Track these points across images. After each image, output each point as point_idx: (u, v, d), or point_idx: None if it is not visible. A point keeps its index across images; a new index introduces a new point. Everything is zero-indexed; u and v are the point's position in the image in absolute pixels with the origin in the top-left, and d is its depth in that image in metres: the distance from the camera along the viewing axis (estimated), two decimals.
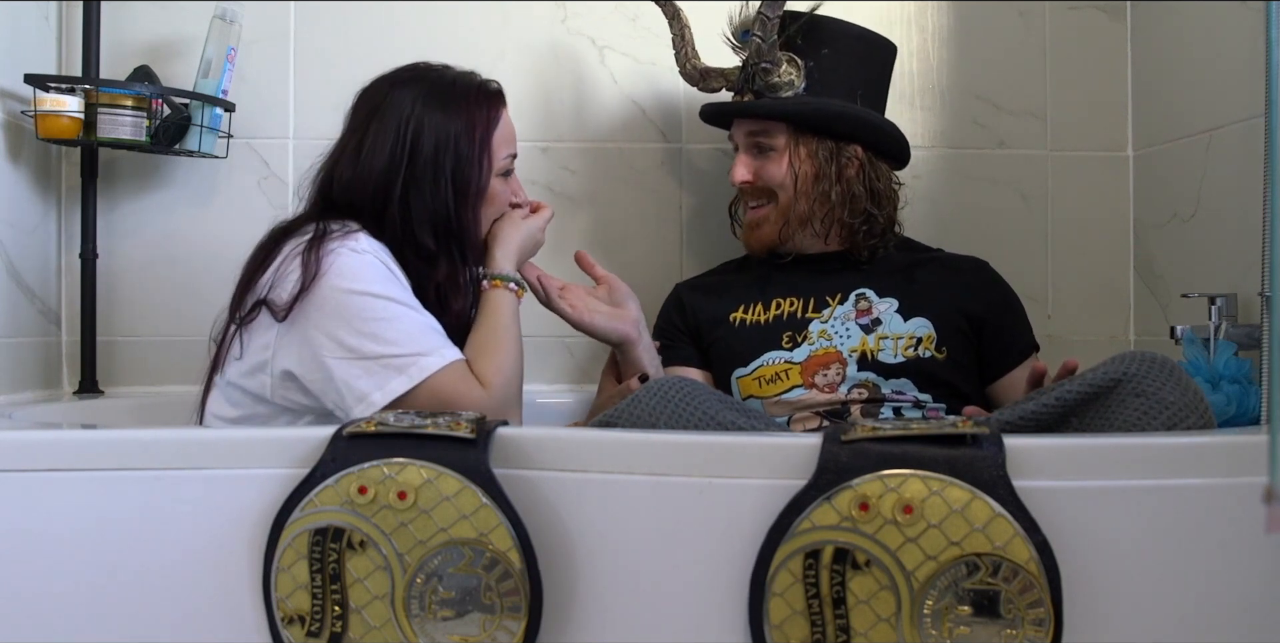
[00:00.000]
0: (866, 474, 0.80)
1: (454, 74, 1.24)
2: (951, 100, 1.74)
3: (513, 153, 1.27)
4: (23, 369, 1.52)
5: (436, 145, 1.17)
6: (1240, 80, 1.44)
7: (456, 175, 1.18)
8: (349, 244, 1.11)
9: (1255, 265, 1.21)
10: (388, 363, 1.06)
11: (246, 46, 1.60)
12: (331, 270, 1.09)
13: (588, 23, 1.71)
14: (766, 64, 1.37)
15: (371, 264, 1.12)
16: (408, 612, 0.84)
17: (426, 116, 1.18)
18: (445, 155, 1.18)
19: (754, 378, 1.37)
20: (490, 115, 1.22)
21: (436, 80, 1.22)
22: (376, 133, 1.18)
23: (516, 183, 1.30)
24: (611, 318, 1.31)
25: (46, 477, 0.89)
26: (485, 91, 1.24)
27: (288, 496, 0.86)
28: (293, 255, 1.12)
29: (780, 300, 1.41)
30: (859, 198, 1.39)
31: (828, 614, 0.79)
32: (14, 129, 1.48)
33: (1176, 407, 0.93)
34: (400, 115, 1.18)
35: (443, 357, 1.09)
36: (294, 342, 1.10)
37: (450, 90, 1.21)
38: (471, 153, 1.19)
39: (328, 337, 1.08)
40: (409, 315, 1.10)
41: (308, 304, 1.09)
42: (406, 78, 1.23)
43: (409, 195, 1.17)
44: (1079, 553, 0.81)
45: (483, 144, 1.20)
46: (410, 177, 1.17)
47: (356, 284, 1.09)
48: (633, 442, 0.89)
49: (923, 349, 1.34)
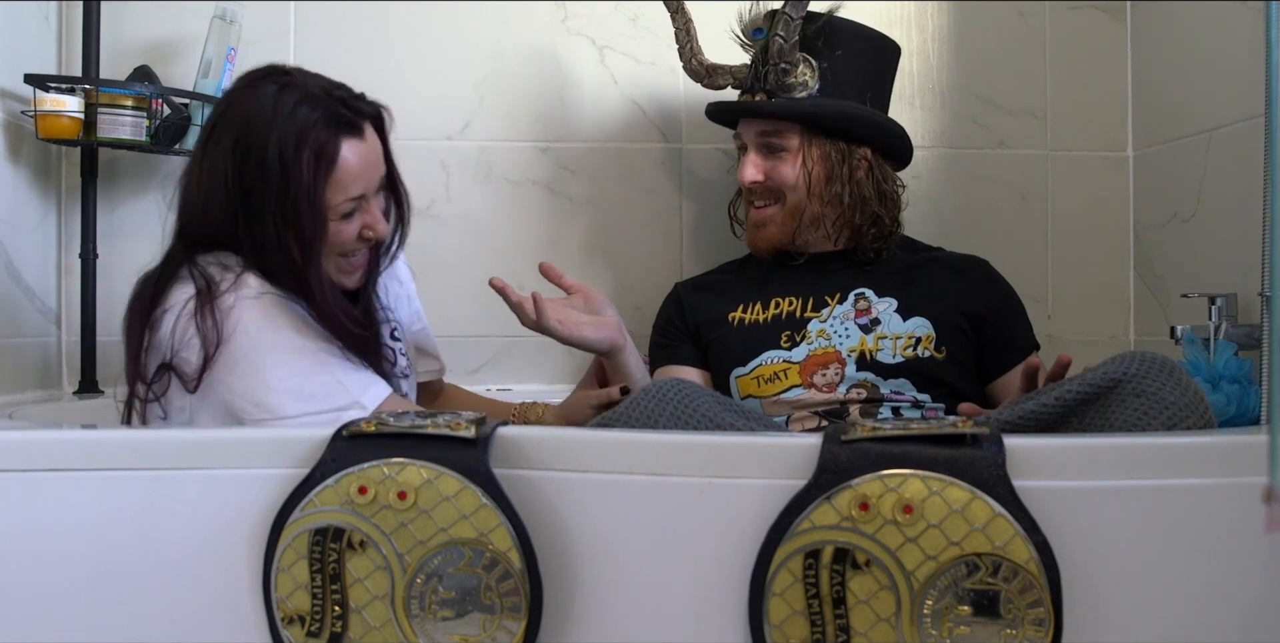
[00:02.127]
0: (866, 474, 0.80)
1: (304, 93, 1.10)
2: (951, 100, 1.74)
3: (358, 195, 1.13)
4: (23, 369, 1.52)
5: (264, 180, 1.07)
6: (1240, 80, 1.44)
7: (287, 219, 1.08)
8: (242, 293, 1.06)
9: (1255, 265, 1.21)
10: (308, 422, 1.03)
11: (246, 46, 1.60)
12: (237, 329, 1.05)
13: (588, 23, 1.71)
14: (786, 64, 1.37)
15: (275, 306, 1.08)
16: (408, 612, 0.84)
17: (256, 143, 1.07)
18: (272, 197, 1.07)
19: (753, 377, 1.37)
20: (324, 151, 1.09)
21: (279, 99, 1.09)
22: (212, 155, 1.10)
23: (371, 214, 1.16)
24: (598, 327, 1.28)
25: (46, 477, 0.89)
26: (329, 121, 1.10)
27: (288, 496, 0.86)
28: (186, 319, 1.05)
29: (779, 300, 1.41)
30: (868, 200, 1.39)
31: (828, 614, 0.79)
32: (14, 129, 1.48)
33: (1177, 407, 0.93)
34: (234, 138, 1.09)
35: (362, 407, 1.06)
36: (211, 406, 1.07)
37: (290, 115, 1.08)
38: (297, 197, 1.08)
39: (246, 400, 1.05)
40: (324, 363, 1.07)
41: (218, 369, 1.05)
42: (252, 92, 1.11)
43: (249, 234, 1.09)
44: (1079, 553, 0.81)
45: (314, 191, 1.08)
46: (247, 214, 1.09)
47: (265, 336, 1.06)
48: (632, 442, 0.89)
49: (922, 349, 1.34)
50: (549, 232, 1.72)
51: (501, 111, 1.70)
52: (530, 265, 1.69)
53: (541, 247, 1.71)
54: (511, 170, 1.71)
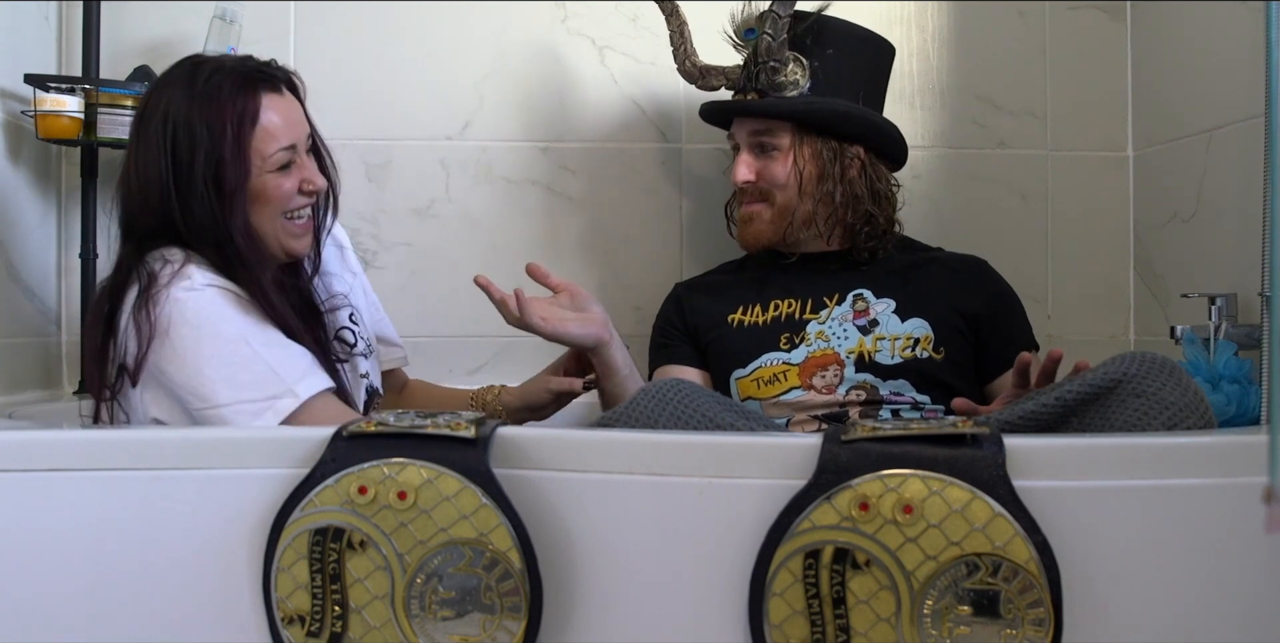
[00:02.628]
0: (866, 474, 0.80)
1: (213, 66, 1.15)
2: (951, 100, 1.74)
3: (288, 144, 1.15)
4: (23, 369, 1.52)
5: (192, 150, 1.10)
6: (1240, 80, 1.44)
7: (215, 179, 1.11)
8: (181, 285, 1.08)
9: (1255, 265, 1.21)
10: (241, 410, 1.05)
11: (246, 46, 1.59)
12: (174, 318, 1.06)
13: (588, 23, 1.71)
14: (775, 63, 1.37)
15: (212, 299, 1.09)
16: (408, 612, 0.84)
17: (180, 119, 1.11)
18: (200, 159, 1.10)
19: (752, 379, 1.37)
20: (246, 108, 1.12)
21: (192, 77, 1.13)
22: (144, 146, 1.13)
23: (308, 170, 1.19)
24: (582, 323, 1.29)
25: (46, 477, 0.89)
26: (241, 82, 1.13)
27: (288, 496, 0.86)
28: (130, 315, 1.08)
29: (778, 302, 1.41)
30: (861, 199, 1.39)
31: (828, 614, 0.79)
32: (14, 129, 1.48)
33: (1177, 407, 0.93)
34: (159, 123, 1.12)
35: (295, 397, 1.07)
36: (160, 399, 1.09)
37: (204, 87, 1.12)
38: (223, 153, 1.10)
39: (185, 390, 1.06)
40: (261, 353, 1.08)
41: (159, 359, 1.06)
42: (169, 79, 1.16)
43: (184, 208, 1.11)
44: (1079, 553, 0.81)
45: (236, 142, 1.11)
46: (179, 188, 1.10)
47: (204, 328, 1.07)
48: (633, 442, 0.89)
49: (920, 350, 1.33)
50: (549, 232, 1.72)
51: (501, 111, 1.70)
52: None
53: (541, 246, 1.71)
54: (511, 170, 1.71)
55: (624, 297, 1.70)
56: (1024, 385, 1.11)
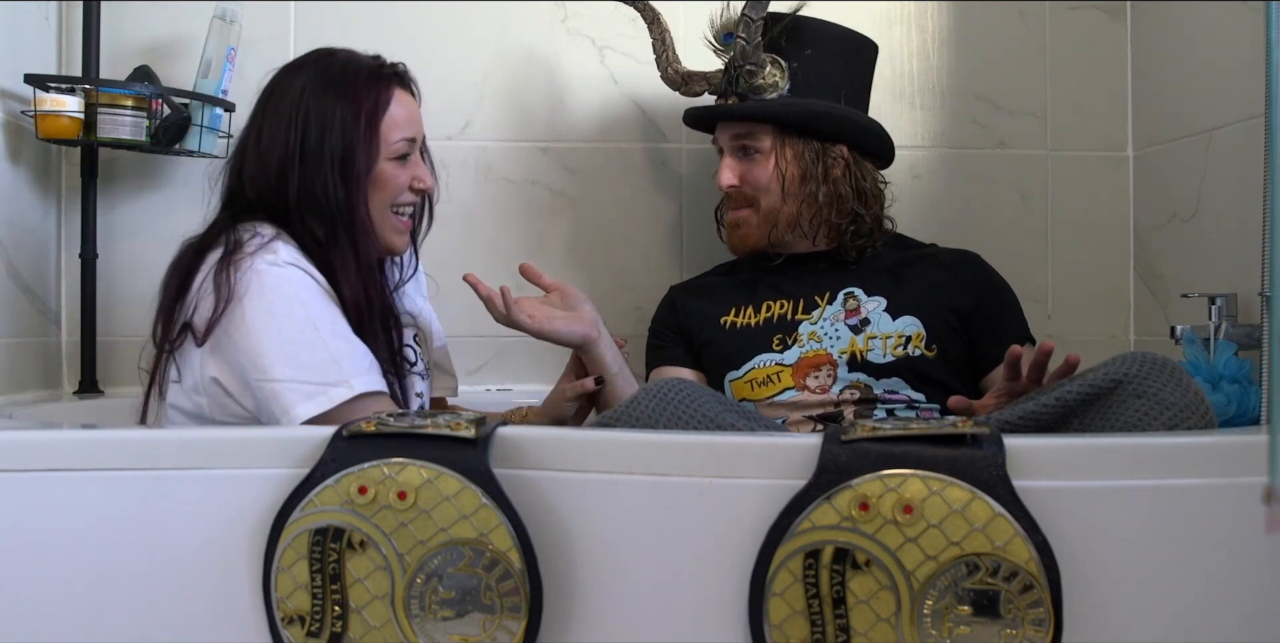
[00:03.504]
0: (866, 474, 0.80)
1: (347, 57, 1.21)
2: (951, 100, 1.74)
3: (410, 137, 1.22)
4: (23, 369, 1.52)
5: (323, 129, 1.16)
6: (1240, 80, 1.44)
7: (343, 159, 1.16)
8: (266, 258, 1.10)
9: (1255, 265, 1.21)
10: (295, 389, 1.06)
11: (246, 46, 1.60)
12: (251, 288, 1.08)
13: (588, 23, 1.71)
14: (751, 66, 1.37)
15: (292, 278, 1.11)
16: (408, 612, 0.84)
17: (314, 101, 1.16)
18: (331, 139, 1.15)
19: (746, 381, 1.37)
20: (379, 97, 1.19)
21: (328, 65, 1.20)
22: (271, 123, 1.17)
23: (420, 168, 1.25)
24: (570, 321, 1.29)
25: (46, 477, 0.89)
26: (376, 74, 1.21)
27: (288, 496, 0.86)
28: (210, 276, 1.10)
29: (770, 303, 1.41)
30: (845, 198, 1.39)
31: (828, 614, 0.80)
32: (14, 129, 1.48)
33: (1178, 408, 0.93)
34: (291, 102, 1.17)
35: (350, 388, 1.07)
36: (218, 361, 1.10)
37: (340, 73, 1.19)
38: (356, 135, 1.16)
39: (247, 357, 1.07)
40: (326, 340, 1.09)
41: (229, 324, 1.08)
42: (299, 64, 1.21)
43: (303, 184, 1.15)
44: (1079, 553, 0.81)
45: (369, 126, 1.17)
46: (303, 164, 1.15)
47: (278, 304, 1.08)
48: (633, 442, 0.89)
49: (912, 348, 1.33)
50: (549, 232, 1.72)
51: (501, 111, 1.70)
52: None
53: (541, 246, 1.71)
54: (511, 170, 1.71)
55: (623, 297, 1.70)
56: (1015, 379, 1.10)
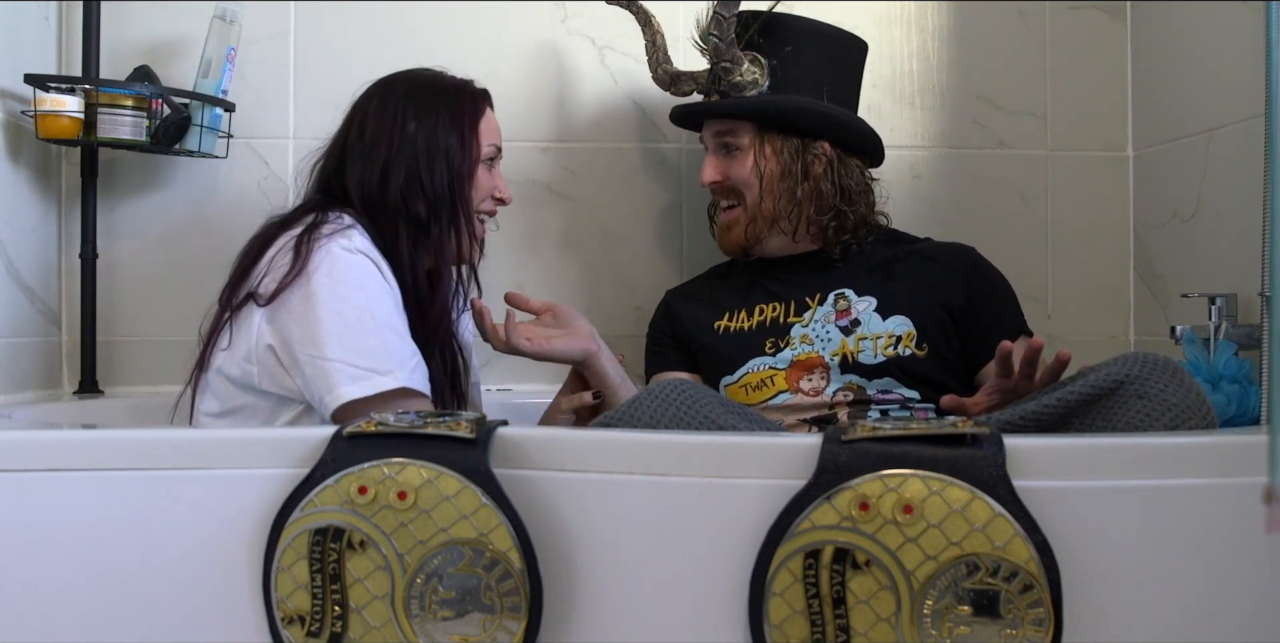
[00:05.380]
0: (866, 474, 0.80)
1: (438, 73, 1.32)
2: (951, 100, 1.74)
3: (496, 145, 1.32)
4: (23, 369, 1.52)
5: (430, 128, 1.24)
6: (1240, 80, 1.44)
7: (447, 153, 1.24)
8: (341, 241, 1.14)
9: (1255, 265, 1.21)
10: (344, 370, 1.08)
11: (246, 46, 1.60)
12: (322, 267, 1.12)
13: (588, 23, 1.71)
14: (726, 63, 1.37)
15: (361, 266, 1.14)
16: (408, 612, 0.84)
17: (416, 103, 1.25)
18: (437, 136, 1.24)
19: (740, 385, 1.37)
20: (476, 104, 1.29)
21: (422, 75, 1.30)
22: (375, 121, 1.25)
23: (501, 179, 1.34)
24: (567, 338, 1.30)
25: (46, 477, 0.89)
26: (469, 88, 1.31)
27: (288, 496, 0.86)
28: (287, 246, 1.15)
29: (763, 306, 1.41)
30: (826, 195, 1.38)
31: (828, 614, 0.79)
32: (14, 129, 1.48)
33: (1179, 409, 0.93)
34: (394, 104, 1.25)
35: (396, 379, 1.10)
36: (275, 328, 1.13)
37: (436, 83, 1.29)
38: (460, 135, 1.26)
39: (303, 330, 1.11)
40: (381, 331, 1.12)
41: (293, 294, 1.12)
42: (398, 76, 1.30)
43: (410, 175, 1.22)
44: (1079, 553, 0.81)
45: (471, 126, 1.27)
46: (410, 158, 1.23)
47: (341, 286, 1.12)
48: (633, 442, 0.89)
49: (902, 347, 1.33)
50: (549, 232, 1.72)
51: (501, 111, 1.69)
52: (530, 265, 1.70)
53: (541, 247, 1.71)
54: (511, 170, 1.70)
55: (624, 297, 1.70)
56: (1007, 375, 1.10)
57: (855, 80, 1.48)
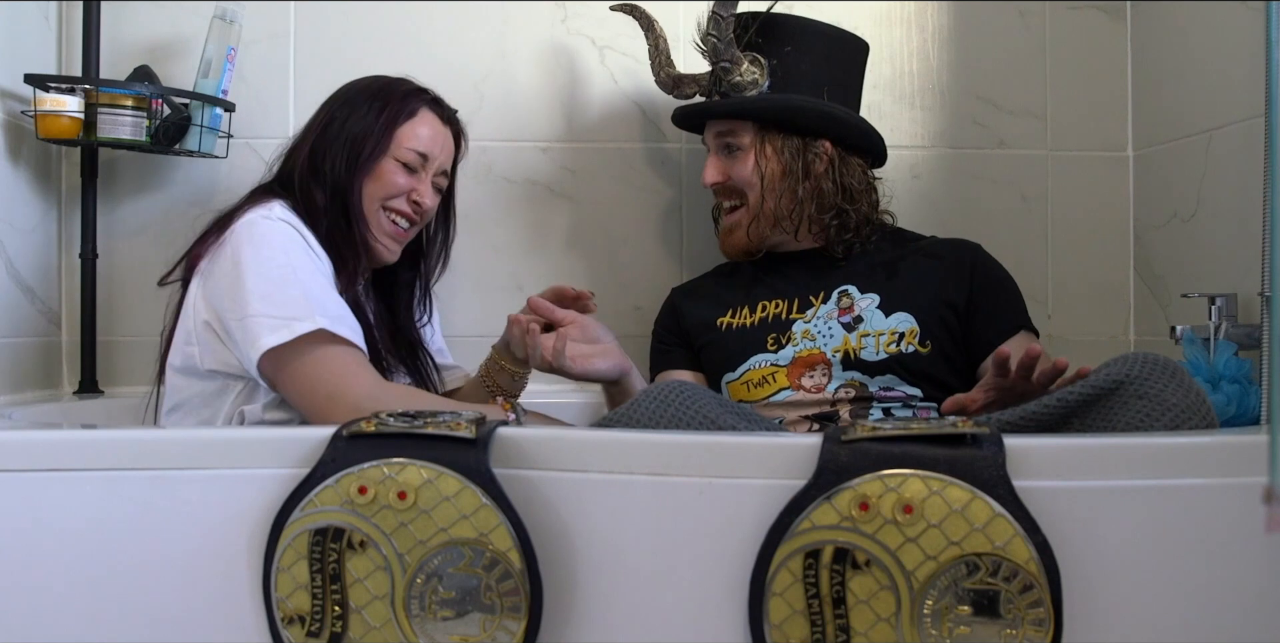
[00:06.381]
0: (866, 474, 0.80)
1: (399, 79, 1.35)
2: (951, 100, 1.74)
3: (423, 152, 1.31)
4: (23, 369, 1.52)
5: (348, 116, 1.29)
6: (1240, 80, 1.44)
7: (353, 141, 1.27)
8: (261, 211, 1.19)
9: (1255, 265, 1.21)
10: (261, 322, 1.11)
11: (246, 46, 1.60)
12: (242, 233, 1.17)
13: (588, 23, 1.71)
14: (725, 63, 1.37)
15: (283, 231, 1.19)
16: (408, 612, 0.84)
17: (353, 97, 1.31)
18: (350, 124, 1.28)
19: (742, 382, 1.37)
20: (407, 106, 1.31)
21: (379, 79, 1.35)
22: (320, 111, 1.33)
23: (425, 187, 1.33)
24: (605, 357, 1.26)
25: (46, 477, 0.89)
26: (414, 91, 1.34)
27: (288, 496, 0.86)
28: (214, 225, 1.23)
29: (766, 303, 1.41)
30: (828, 194, 1.38)
31: (828, 614, 0.79)
32: (14, 129, 1.48)
33: (1180, 409, 0.93)
34: (340, 95, 1.33)
35: (314, 323, 1.11)
36: (209, 303, 1.18)
37: (384, 85, 1.33)
38: (373, 127, 1.28)
39: (226, 295, 1.15)
40: (304, 280, 1.16)
41: (219, 266, 1.17)
42: (361, 79, 1.36)
43: (313, 154, 1.28)
44: (1079, 553, 0.81)
45: (387, 124, 1.29)
46: (320, 138, 1.29)
47: (264, 249, 1.16)
48: (633, 442, 0.89)
49: (905, 344, 1.32)
50: (549, 232, 1.71)
51: (501, 111, 1.70)
52: (530, 265, 1.70)
53: (541, 247, 1.71)
54: (511, 170, 1.71)
55: (624, 297, 1.70)
56: (1004, 376, 1.10)
57: (856, 80, 1.48)
